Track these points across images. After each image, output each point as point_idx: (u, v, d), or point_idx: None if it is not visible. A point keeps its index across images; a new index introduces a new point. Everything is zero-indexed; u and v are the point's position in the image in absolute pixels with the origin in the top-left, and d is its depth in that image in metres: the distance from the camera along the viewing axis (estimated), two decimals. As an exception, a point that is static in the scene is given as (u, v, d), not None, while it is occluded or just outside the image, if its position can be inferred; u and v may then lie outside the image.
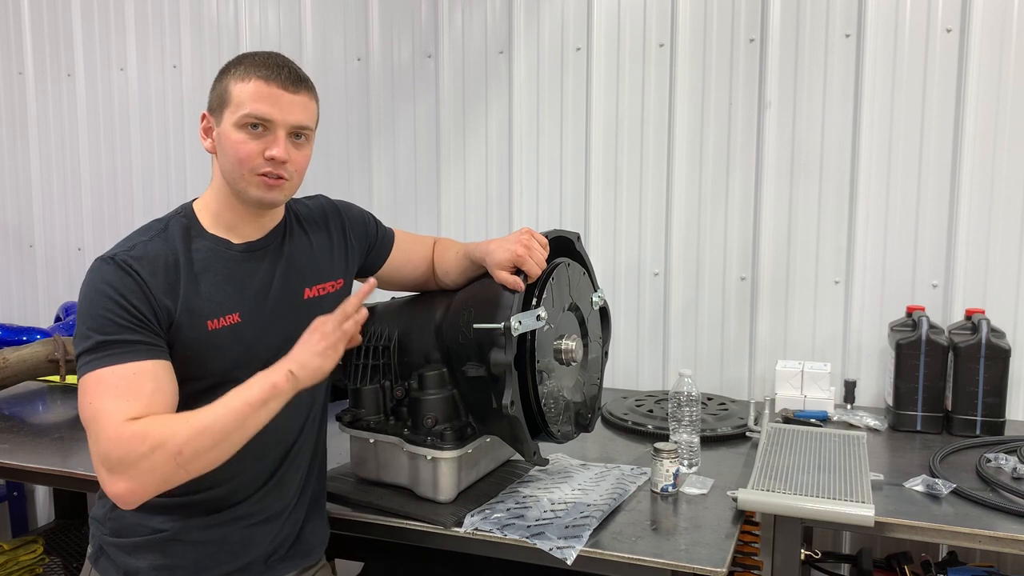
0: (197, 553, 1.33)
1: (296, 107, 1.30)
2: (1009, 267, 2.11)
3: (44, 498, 3.09)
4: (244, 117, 1.27)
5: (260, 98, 1.27)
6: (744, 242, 2.33)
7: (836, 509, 1.44)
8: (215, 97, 1.32)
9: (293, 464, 1.41)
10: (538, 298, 1.45)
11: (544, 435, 1.51)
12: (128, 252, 1.26)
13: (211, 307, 1.29)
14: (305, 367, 1.21)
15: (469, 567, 1.95)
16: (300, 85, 1.32)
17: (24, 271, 3.20)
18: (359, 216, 1.59)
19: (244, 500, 1.35)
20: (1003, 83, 2.08)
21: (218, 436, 1.15)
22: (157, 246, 1.29)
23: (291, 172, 1.32)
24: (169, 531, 1.31)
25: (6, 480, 2.92)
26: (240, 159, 1.28)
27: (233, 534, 1.35)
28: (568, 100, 2.46)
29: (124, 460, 1.13)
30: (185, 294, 1.27)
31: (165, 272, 1.26)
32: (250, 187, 1.30)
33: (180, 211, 1.37)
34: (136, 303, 1.22)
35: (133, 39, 2.94)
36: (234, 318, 1.30)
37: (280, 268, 1.39)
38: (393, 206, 2.67)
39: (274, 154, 1.28)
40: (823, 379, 2.08)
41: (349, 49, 2.68)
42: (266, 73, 1.28)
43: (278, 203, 1.35)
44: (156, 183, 2.95)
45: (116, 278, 1.23)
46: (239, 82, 1.28)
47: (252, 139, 1.28)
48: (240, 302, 1.32)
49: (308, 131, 1.34)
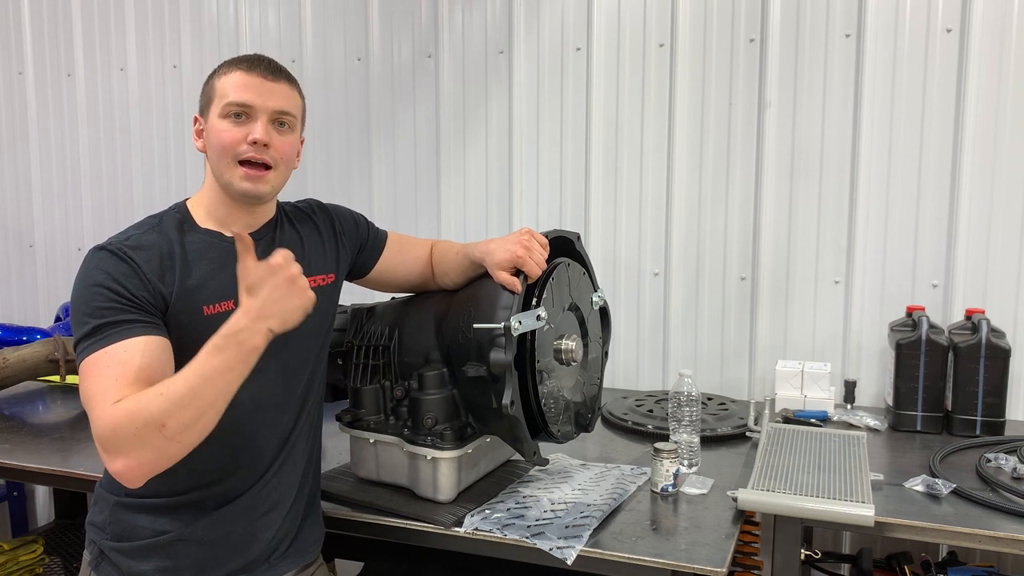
0: (202, 552, 1.33)
1: (277, 94, 1.34)
2: (1009, 267, 2.11)
3: (44, 498, 3.09)
4: (227, 106, 1.32)
5: (241, 86, 1.32)
6: (744, 242, 2.33)
7: (836, 509, 1.44)
8: (203, 99, 1.38)
9: (291, 456, 1.42)
10: (538, 298, 1.45)
11: (544, 435, 1.51)
12: (123, 241, 1.29)
13: (206, 293, 1.31)
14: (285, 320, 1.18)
15: (469, 567, 1.95)
16: (280, 74, 1.37)
17: (24, 271, 3.20)
18: (349, 216, 1.60)
19: (246, 491, 1.36)
20: (1003, 83, 2.08)
21: (200, 407, 1.12)
22: (152, 237, 1.32)
23: (275, 159, 1.34)
24: (174, 531, 1.32)
25: (6, 480, 2.92)
26: (224, 146, 1.32)
27: (236, 529, 1.35)
28: (568, 100, 2.46)
29: (116, 440, 1.12)
30: (181, 280, 1.29)
31: (160, 260, 1.29)
32: (235, 179, 1.33)
33: (174, 207, 1.40)
34: (129, 286, 1.24)
35: (133, 39, 2.94)
36: (228, 304, 1.32)
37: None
38: (393, 206, 2.67)
39: (256, 137, 1.31)
40: (823, 379, 2.08)
41: (349, 49, 2.68)
42: (246, 65, 1.34)
43: (264, 195, 1.36)
44: (156, 183, 2.95)
45: (110, 264, 1.25)
46: (221, 77, 1.35)
47: (235, 126, 1.32)
48: (233, 289, 1.32)
49: (291, 118, 1.37)
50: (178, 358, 1.26)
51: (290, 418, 1.41)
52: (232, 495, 1.35)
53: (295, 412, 1.42)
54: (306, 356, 1.43)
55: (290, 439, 1.42)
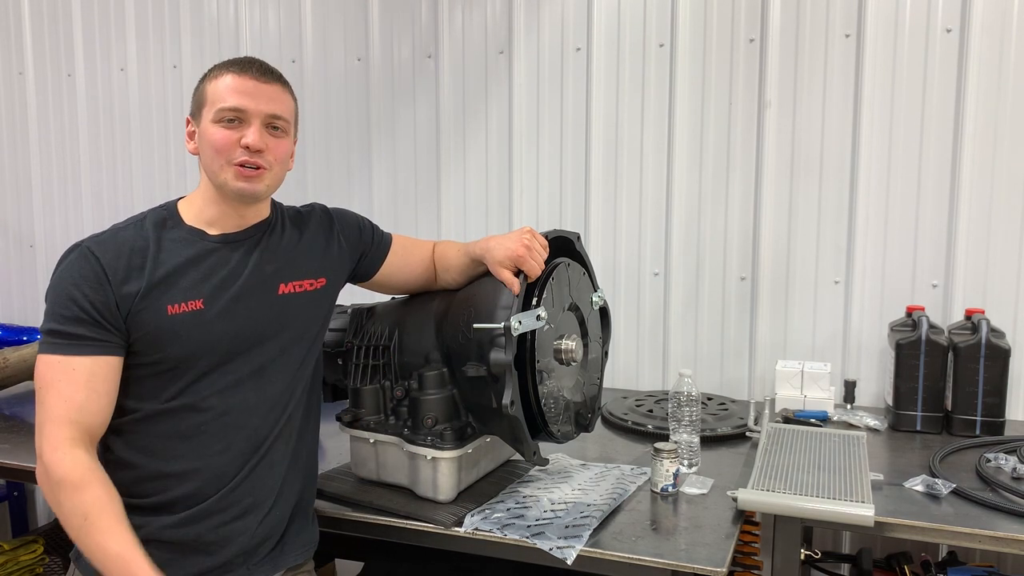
0: (172, 553, 1.32)
1: (269, 97, 1.35)
2: (1009, 267, 2.11)
3: (44, 498, 3.09)
4: (220, 112, 1.32)
5: (233, 90, 1.32)
6: (744, 242, 2.33)
7: (836, 509, 1.44)
8: (195, 102, 1.38)
9: (265, 460, 1.39)
10: (538, 298, 1.45)
11: (544, 435, 1.51)
12: (95, 238, 1.33)
13: (173, 292, 1.31)
14: None
15: (469, 567, 1.95)
16: (272, 76, 1.37)
17: (24, 271, 3.20)
18: (353, 221, 1.59)
19: (213, 496, 1.34)
20: (1003, 83, 2.08)
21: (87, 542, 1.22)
22: (129, 233, 1.34)
23: (269, 162, 1.35)
24: (143, 529, 1.30)
25: (6, 480, 2.92)
26: (217, 149, 1.32)
27: (207, 533, 1.34)
28: (568, 100, 2.46)
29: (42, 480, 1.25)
30: (148, 277, 1.30)
31: (129, 256, 1.31)
32: (229, 178, 1.33)
33: (162, 206, 1.42)
34: (89, 292, 1.27)
35: (133, 39, 2.94)
36: (196, 304, 1.32)
37: (254, 259, 1.40)
38: (393, 206, 2.67)
39: (249, 141, 1.31)
40: (823, 379, 2.08)
41: (349, 49, 2.68)
42: (238, 68, 1.34)
43: (259, 194, 1.36)
44: (156, 183, 2.95)
45: (76, 268, 1.29)
46: (213, 80, 1.35)
47: (228, 130, 1.32)
48: (203, 288, 1.34)
49: (283, 122, 1.37)
50: (142, 352, 1.30)
51: (265, 422, 1.39)
52: (200, 498, 1.34)
53: (273, 417, 1.40)
54: (285, 361, 1.41)
55: (265, 443, 1.39)
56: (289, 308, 1.41)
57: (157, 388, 1.32)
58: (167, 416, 1.32)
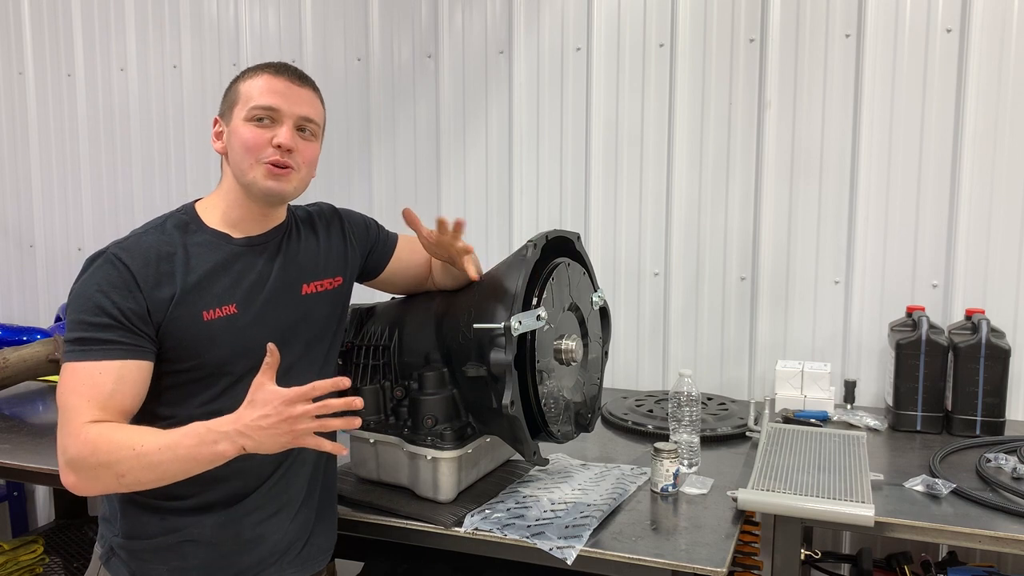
0: (210, 553, 1.34)
1: (302, 100, 1.36)
2: (1009, 267, 2.11)
3: (44, 498, 3.09)
4: (253, 110, 1.32)
5: (268, 90, 1.33)
6: (744, 242, 2.33)
7: (836, 509, 1.44)
8: (225, 102, 1.38)
9: (298, 457, 1.42)
10: (538, 298, 1.45)
11: (544, 435, 1.51)
12: (119, 245, 1.29)
13: (207, 298, 1.30)
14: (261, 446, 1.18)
15: (469, 567, 1.95)
16: (306, 81, 1.39)
17: (24, 271, 3.20)
18: (360, 220, 1.61)
19: (253, 492, 1.36)
20: (1003, 83, 2.08)
21: (161, 474, 1.18)
22: (152, 238, 1.31)
23: (298, 163, 1.36)
24: (183, 531, 1.32)
25: (6, 480, 2.92)
26: (248, 148, 1.32)
27: (245, 530, 1.36)
28: (568, 100, 2.46)
29: (75, 461, 1.18)
30: (181, 284, 1.29)
31: (158, 263, 1.28)
32: (258, 177, 1.32)
33: (180, 209, 1.40)
34: (118, 299, 1.23)
35: (133, 39, 2.94)
36: (230, 309, 1.32)
37: (279, 263, 1.40)
38: (393, 206, 2.67)
39: (280, 141, 1.31)
40: (823, 379, 2.08)
41: (349, 49, 2.68)
42: (273, 70, 1.36)
43: (287, 194, 1.37)
44: (156, 183, 2.95)
45: (103, 274, 1.25)
46: (248, 80, 1.36)
47: (260, 129, 1.32)
48: (236, 293, 1.33)
49: (314, 126, 1.38)
50: (177, 359, 1.28)
51: None
52: (239, 496, 1.35)
53: None
54: (311, 359, 1.43)
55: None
56: (312, 308, 1.43)
57: (191, 394, 1.31)
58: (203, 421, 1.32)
